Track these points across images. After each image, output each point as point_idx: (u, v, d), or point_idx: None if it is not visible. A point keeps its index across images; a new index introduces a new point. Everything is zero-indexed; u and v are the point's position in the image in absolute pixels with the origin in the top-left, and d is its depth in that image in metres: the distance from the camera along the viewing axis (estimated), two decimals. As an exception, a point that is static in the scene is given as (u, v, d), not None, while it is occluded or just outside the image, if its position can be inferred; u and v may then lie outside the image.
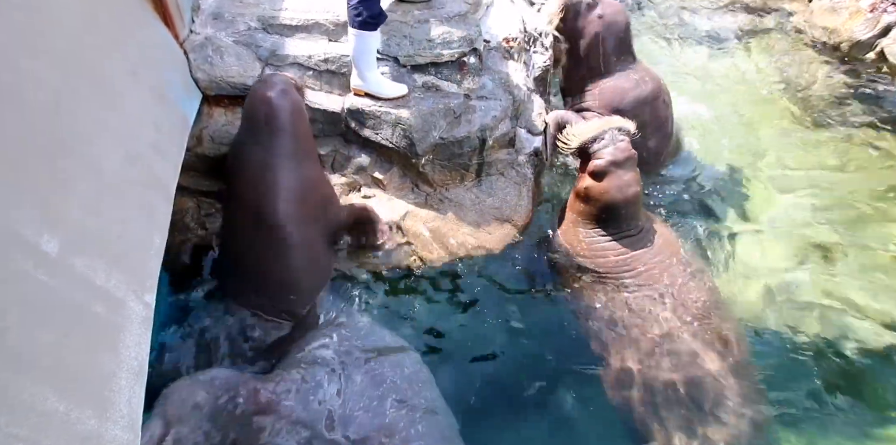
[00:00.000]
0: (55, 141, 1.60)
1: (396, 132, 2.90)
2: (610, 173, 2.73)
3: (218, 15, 2.91)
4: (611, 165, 2.73)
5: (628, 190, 2.73)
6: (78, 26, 1.85)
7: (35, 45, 1.61)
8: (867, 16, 4.71)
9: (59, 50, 1.72)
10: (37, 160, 1.51)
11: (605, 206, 2.76)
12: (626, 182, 2.73)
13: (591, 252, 2.84)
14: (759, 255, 3.26)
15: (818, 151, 4.01)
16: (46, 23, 1.69)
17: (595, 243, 2.84)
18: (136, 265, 1.86)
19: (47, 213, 1.49)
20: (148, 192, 2.07)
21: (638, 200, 2.79)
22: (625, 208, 2.75)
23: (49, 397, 1.34)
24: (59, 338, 1.44)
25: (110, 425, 1.53)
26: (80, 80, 1.79)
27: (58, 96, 1.65)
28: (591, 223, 2.85)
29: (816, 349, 2.80)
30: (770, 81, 4.60)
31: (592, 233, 2.85)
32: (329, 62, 2.90)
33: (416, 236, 3.00)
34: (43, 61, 1.62)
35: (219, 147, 2.81)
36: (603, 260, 2.80)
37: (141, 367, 1.73)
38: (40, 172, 1.51)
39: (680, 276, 2.73)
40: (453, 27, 2.99)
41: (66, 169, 1.62)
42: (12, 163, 1.41)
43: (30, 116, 1.52)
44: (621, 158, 2.73)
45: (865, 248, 3.31)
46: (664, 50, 4.90)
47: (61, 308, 1.47)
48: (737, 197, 3.63)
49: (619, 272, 2.76)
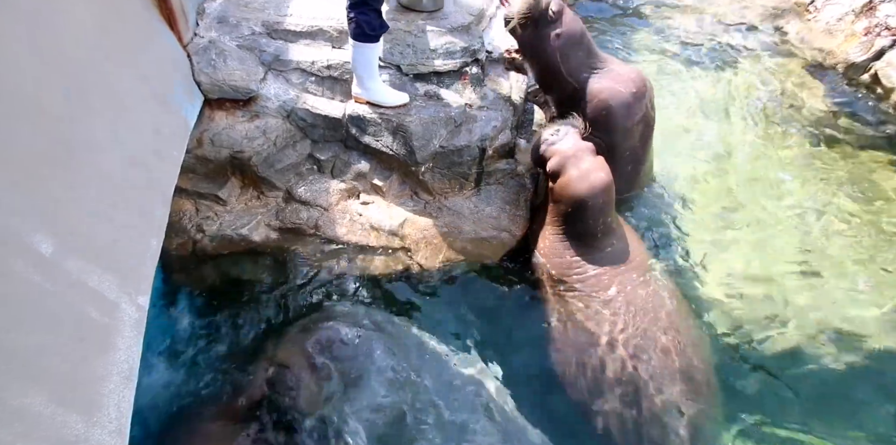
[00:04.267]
0: (55, 144, 1.59)
1: (397, 140, 2.90)
2: (566, 166, 2.63)
3: (223, 19, 2.92)
4: (563, 159, 2.64)
5: (591, 177, 2.58)
6: (84, 32, 1.85)
7: (41, 51, 1.61)
8: (861, 39, 4.80)
9: (64, 55, 1.72)
10: (35, 163, 1.50)
11: (572, 201, 2.63)
12: (586, 170, 2.59)
13: (551, 252, 2.78)
14: (740, 267, 3.28)
15: (809, 168, 4.05)
16: (53, 30, 1.69)
17: (555, 242, 2.78)
18: (130, 268, 1.84)
19: (43, 215, 1.48)
20: (145, 194, 2.06)
21: (606, 188, 2.61)
22: (592, 199, 2.59)
23: (36, 400, 1.31)
24: (50, 340, 1.42)
25: (97, 429, 1.50)
26: (83, 84, 1.78)
27: (60, 101, 1.64)
28: (560, 224, 2.76)
29: (788, 360, 2.84)
30: (764, 100, 4.66)
31: (558, 231, 2.78)
32: (332, 69, 2.91)
33: (414, 244, 3.00)
34: (48, 66, 1.62)
35: (219, 150, 2.81)
36: (559, 261, 2.74)
37: (131, 371, 1.70)
38: (38, 174, 1.50)
39: (631, 284, 2.64)
40: (456, 38, 3.02)
41: (64, 172, 1.61)
42: (10, 165, 1.40)
43: (31, 120, 1.51)
44: (571, 149, 2.64)
45: (845, 261, 3.33)
46: (658, 68, 4.96)
47: (53, 310, 1.45)
48: (720, 213, 3.63)
49: (570, 275, 2.71)
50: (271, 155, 2.90)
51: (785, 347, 2.88)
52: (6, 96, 1.43)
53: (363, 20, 2.52)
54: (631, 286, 2.64)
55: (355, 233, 3.00)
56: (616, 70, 3.06)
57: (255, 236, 2.96)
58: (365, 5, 2.51)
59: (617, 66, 3.11)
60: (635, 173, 3.37)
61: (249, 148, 2.81)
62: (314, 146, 3.04)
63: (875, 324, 2.99)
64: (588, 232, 2.69)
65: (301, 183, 3.04)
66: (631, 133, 3.11)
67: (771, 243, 3.43)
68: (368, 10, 2.52)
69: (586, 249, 2.73)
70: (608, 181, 2.62)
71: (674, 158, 3.96)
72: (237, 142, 2.79)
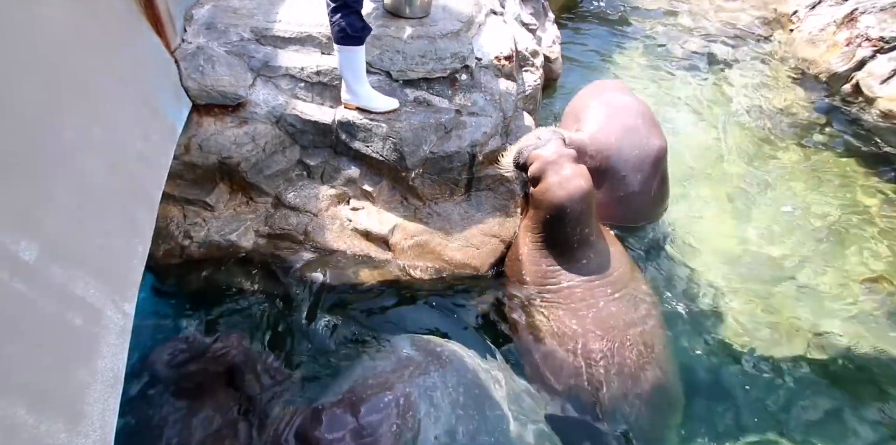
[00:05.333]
0: (39, 150, 1.57)
1: (387, 145, 2.91)
2: (547, 172, 2.58)
3: (211, 25, 2.92)
4: (544, 164, 2.60)
5: (569, 184, 2.53)
6: (68, 37, 1.84)
7: (23, 57, 1.59)
8: (843, 49, 4.91)
9: (47, 61, 1.70)
10: (18, 169, 1.48)
11: (550, 207, 2.57)
12: (565, 177, 2.54)
13: (528, 259, 2.74)
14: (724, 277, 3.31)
15: (792, 175, 4.12)
16: (35, 34, 1.67)
17: (533, 250, 2.74)
18: (116, 274, 1.82)
19: (26, 221, 1.46)
20: (132, 201, 2.04)
21: (585, 196, 2.56)
22: (570, 207, 2.53)
23: (19, 409, 1.29)
24: (32, 348, 1.39)
25: (81, 439, 1.47)
26: (67, 90, 1.76)
27: (44, 106, 1.63)
28: (538, 231, 2.70)
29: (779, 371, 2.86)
30: (748, 109, 4.74)
31: (536, 238, 2.73)
32: (321, 74, 2.92)
33: (404, 250, 2.99)
34: (31, 73, 1.60)
35: (207, 156, 2.79)
36: (534, 269, 2.69)
37: (116, 378, 1.68)
38: (21, 180, 1.48)
39: (604, 299, 2.58)
40: (445, 44, 3.04)
41: (49, 178, 1.59)
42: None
43: (13, 125, 1.49)
44: (553, 155, 2.60)
45: (833, 269, 3.38)
46: (646, 77, 5.03)
47: (35, 317, 1.43)
48: (705, 220, 3.67)
49: (544, 284, 2.67)
50: (260, 161, 2.89)
51: (773, 359, 2.90)
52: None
53: (346, 22, 2.54)
54: (604, 302, 2.58)
55: (345, 239, 2.99)
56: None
57: (243, 242, 2.94)
58: (346, 8, 2.53)
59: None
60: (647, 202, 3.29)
61: (238, 154, 2.80)
62: (304, 152, 3.03)
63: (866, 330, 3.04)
64: (565, 241, 2.64)
65: (290, 189, 3.03)
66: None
67: (760, 252, 3.47)
68: (349, 13, 2.54)
69: (562, 259, 2.66)
70: (587, 190, 2.56)
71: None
72: (225, 148, 2.78)
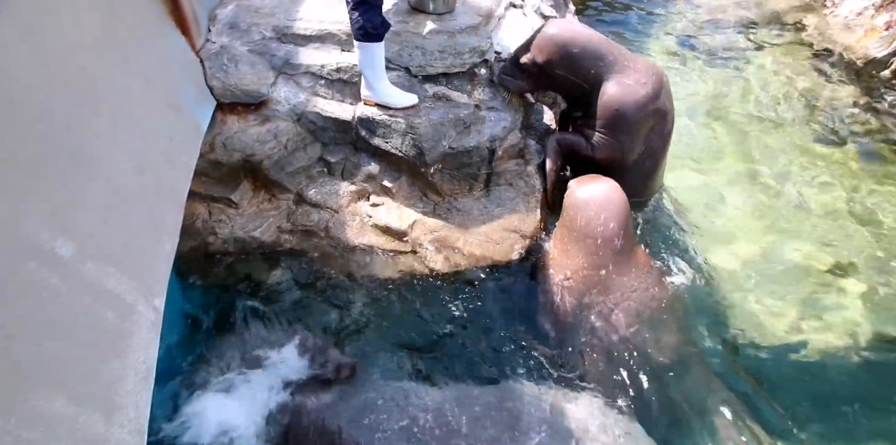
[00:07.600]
0: (70, 152, 1.63)
1: (406, 141, 2.92)
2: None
3: (234, 24, 2.96)
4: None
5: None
6: (96, 39, 1.89)
7: (54, 61, 1.65)
8: (882, 34, 4.69)
9: (76, 65, 1.76)
10: (53, 170, 1.54)
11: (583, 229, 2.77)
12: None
13: (561, 253, 2.87)
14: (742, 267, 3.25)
15: (828, 166, 3.98)
16: (64, 38, 1.73)
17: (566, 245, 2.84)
18: (146, 271, 1.89)
19: (62, 220, 1.52)
20: (159, 199, 2.10)
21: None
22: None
23: (57, 401, 1.36)
24: (69, 343, 1.47)
25: (117, 429, 1.54)
26: (95, 93, 1.82)
27: (74, 109, 1.69)
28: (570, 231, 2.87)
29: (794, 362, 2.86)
30: (783, 96, 4.59)
31: (566, 237, 2.87)
32: (341, 71, 2.94)
33: (424, 245, 3.02)
34: (61, 77, 1.66)
35: (231, 154, 2.85)
36: (567, 262, 2.82)
37: (148, 371, 1.75)
38: (56, 181, 1.54)
39: (638, 289, 2.74)
40: (464, 39, 3.02)
41: (80, 179, 1.65)
42: (27, 171, 1.44)
43: (46, 128, 1.55)
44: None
45: (874, 265, 3.28)
46: (671, 67, 4.90)
47: (72, 313, 1.50)
48: (739, 211, 3.59)
49: (577, 278, 2.77)
50: (282, 158, 2.94)
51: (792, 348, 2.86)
52: (16, 106, 1.47)
53: (365, 19, 2.55)
54: (637, 291, 2.70)
55: (365, 234, 3.03)
56: (630, 66, 2.96)
57: (266, 238, 3.00)
58: (365, 4, 2.53)
59: (631, 61, 3.00)
60: (648, 176, 3.32)
61: (261, 151, 2.85)
62: (324, 149, 3.07)
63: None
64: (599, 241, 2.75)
65: (311, 186, 3.07)
66: (644, 130, 3.07)
67: (783, 245, 3.38)
68: (369, 9, 2.54)
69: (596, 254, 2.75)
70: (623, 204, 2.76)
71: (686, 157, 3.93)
72: (249, 145, 2.84)
